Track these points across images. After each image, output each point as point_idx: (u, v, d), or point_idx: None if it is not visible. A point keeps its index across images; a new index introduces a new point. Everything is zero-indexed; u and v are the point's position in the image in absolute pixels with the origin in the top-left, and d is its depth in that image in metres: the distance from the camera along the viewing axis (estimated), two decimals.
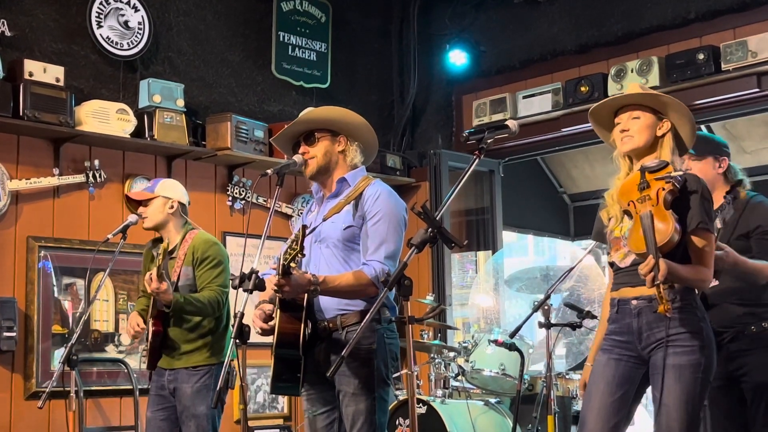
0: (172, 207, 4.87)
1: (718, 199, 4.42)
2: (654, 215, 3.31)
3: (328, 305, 3.81)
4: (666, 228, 3.29)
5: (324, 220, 3.86)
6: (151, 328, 4.74)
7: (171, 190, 4.92)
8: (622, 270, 3.57)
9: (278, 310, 3.72)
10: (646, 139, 3.56)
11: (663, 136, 3.57)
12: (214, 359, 4.78)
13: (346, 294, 3.76)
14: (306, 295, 3.70)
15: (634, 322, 3.48)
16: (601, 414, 3.48)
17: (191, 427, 4.72)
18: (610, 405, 3.48)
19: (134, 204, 5.02)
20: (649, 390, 3.56)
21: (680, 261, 3.36)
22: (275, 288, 3.56)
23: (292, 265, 3.52)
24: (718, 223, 3.97)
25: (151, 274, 4.55)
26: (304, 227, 3.50)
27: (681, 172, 3.45)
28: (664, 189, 3.37)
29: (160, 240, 4.96)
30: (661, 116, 3.58)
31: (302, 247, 3.46)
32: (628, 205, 3.45)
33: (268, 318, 3.79)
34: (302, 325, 3.72)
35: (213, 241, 4.90)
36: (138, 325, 4.80)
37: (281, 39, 7.47)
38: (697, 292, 3.53)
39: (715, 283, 4.21)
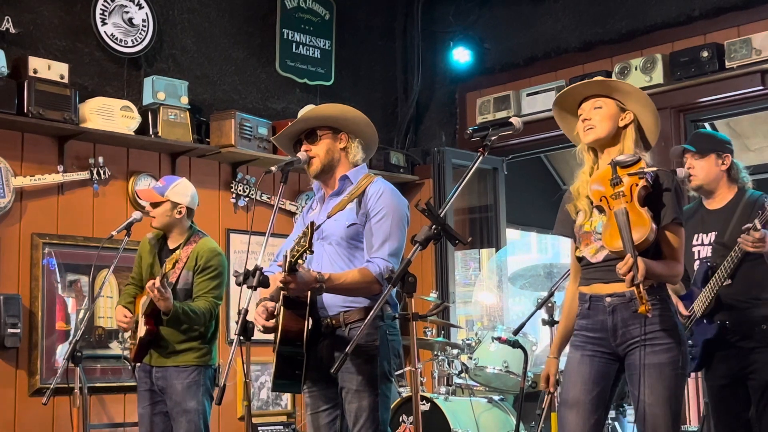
0: (180, 212, 4.91)
1: (723, 196, 4.42)
2: (629, 212, 3.29)
3: (332, 302, 3.82)
4: (643, 226, 3.27)
5: (328, 217, 3.86)
6: (144, 326, 4.77)
7: (182, 195, 4.95)
8: (593, 265, 3.52)
9: (282, 308, 3.73)
10: (608, 130, 3.53)
11: (626, 127, 3.54)
12: (202, 361, 4.85)
13: (350, 291, 3.77)
14: (309, 292, 3.71)
15: (608, 320, 3.45)
16: (581, 412, 3.47)
17: (182, 423, 4.76)
18: (588, 403, 3.47)
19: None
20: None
21: (652, 256, 3.36)
22: (281, 285, 3.56)
23: (300, 261, 3.52)
24: (758, 224, 3.98)
25: (154, 281, 4.59)
26: (312, 224, 3.49)
27: (654, 168, 3.41)
28: (637, 185, 3.34)
29: (161, 234, 5.00)
30: (623, 107, 3.55)
31: (311, 244, 3.46)
32: (600, 200, 3.42)
33: (270, 315, 3.80)
34: (306, 323, 3.73)
35: (217, 251, 4.94)
36: (125, 317, 4.85)
37: (285, 36, 7.47)
38: (668, 286, 3.52)
39: (728, 282, 4.22)
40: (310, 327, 3.73)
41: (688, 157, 4.44)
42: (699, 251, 4.40)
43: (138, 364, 4.94)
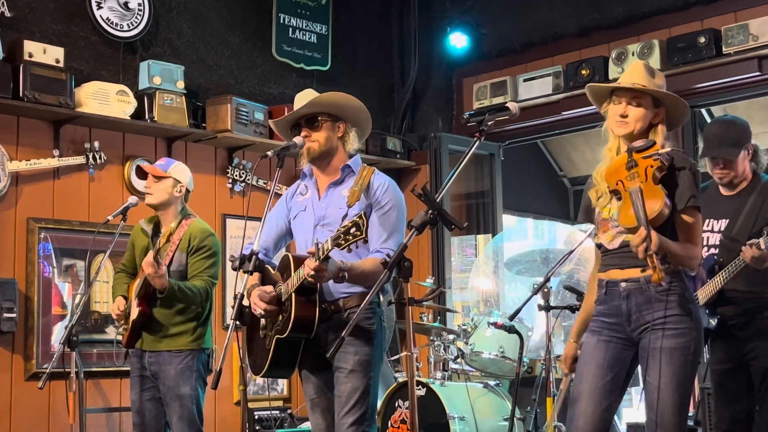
0: (179, 191, 4.91)
1: (741, 182, 4.38)
2: (643, 191, 3.30)
3: (333, 288, 3.85)
4: (657, 201, 3.28)
5: (349, 207, 3.85)
6: (136, 308, 4.75)
7: (183, 174, 4.96)
8: (610, 252, 3.56)
9: (294, 294, 3.74)
10: (642, 127, 3.54)
11: (657, 124, 3.55)
12: (196, 344, 4.80)
13: (367, 280, 3.79)
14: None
15: (623, 305, 3.49)
16: (593, 396, 3.49)
17: (175, 408, 4.74)
18: (601, 387, 3.50)
19: (143, 176, 5.01)
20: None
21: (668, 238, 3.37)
22: (312, 273, 3.57)
23: (348, 250, 3.52)
24: (762, 243, 3.98)
25: (149, 258, 4.56)
26: (365, 215, 3.49)
27: (668, 149, 3.43)
28: (652, 166, 3.36)
29: (154, 219, 4.98)
30: (658, 103, 3.56)
31: (366, 234, 3.46)
32: (617, 184, 3.44)
33: (271, 300, 3.81)
34: (317, 309, 3.77)
35: (210, 232, 4.92)
36: (119, 308, 4.83)
37: (281, 21, 7.44)
38: (685, 273, 3.52)
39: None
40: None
41: (721, 160, 4.37)
42: (708, 237, 4.38)
43: (130, 350, 4.92)
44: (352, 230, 3.45)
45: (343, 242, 3.46)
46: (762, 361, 4.20)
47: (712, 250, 4.35)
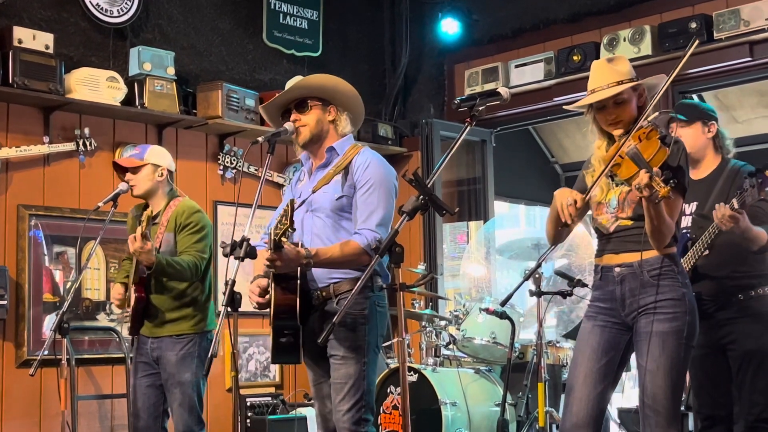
0: (161, 175, 4.88)
1: (707, 166, 4.43)
2: (639, 148, 3.29)
3: (321, 275, 3.83)
4: (653, 147, 3.27)
5: (314, 191, 3.86)
6: (133, 295, 4.73)
7: (160, 157, 4.93)
8: (605, 236, 3.59)
9: (273, 283, 3.74)
10: (633, 116, 3.54)
11: (643, 104, 3.56)
12: (197, 328, 4.79)
13: (339, 264, 3.78)
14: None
15: (617, 290, 3.52)
16: (588, 381, 3.52)
17: (176, 395, 4.73)
18: (596, 371, 3.52)
19: (122, 171, 5.00)
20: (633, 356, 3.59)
21: None
22: (267, 263, 3.57)
23: (283, 239, 3.52)
24: (735, 203, 3.98)
25: (135, 234, 4.55)
26: (292, 202, 3.50)
27: (655, 115, 3.47)
28: (644, 133, 3.35)
29: (145, 206, 4.96)
30: (636, 86, 3.56)
31: (292, 222, 3.45)
32: (612, 159, 3.39)
33: (263, 292, 3.81)
34: (297, 296, 3.75)
35: (196, 209, 4.89)
36: (119, 294, 4.82)
37: (272, 6, 7.42)
38: (679, 259, 3.54)
39: (705, 253, 4.23)
40: (301, 300, 3.75)
41: (675, 126, 4.43)
42: (679, 221, 4.41)
43: (136, 337, 4.90)
44: (283, 219, 3.45)
45: (279, 231, 3.47)
46: (740, 345, 4.21)
47: (685, 231, 4.38)
